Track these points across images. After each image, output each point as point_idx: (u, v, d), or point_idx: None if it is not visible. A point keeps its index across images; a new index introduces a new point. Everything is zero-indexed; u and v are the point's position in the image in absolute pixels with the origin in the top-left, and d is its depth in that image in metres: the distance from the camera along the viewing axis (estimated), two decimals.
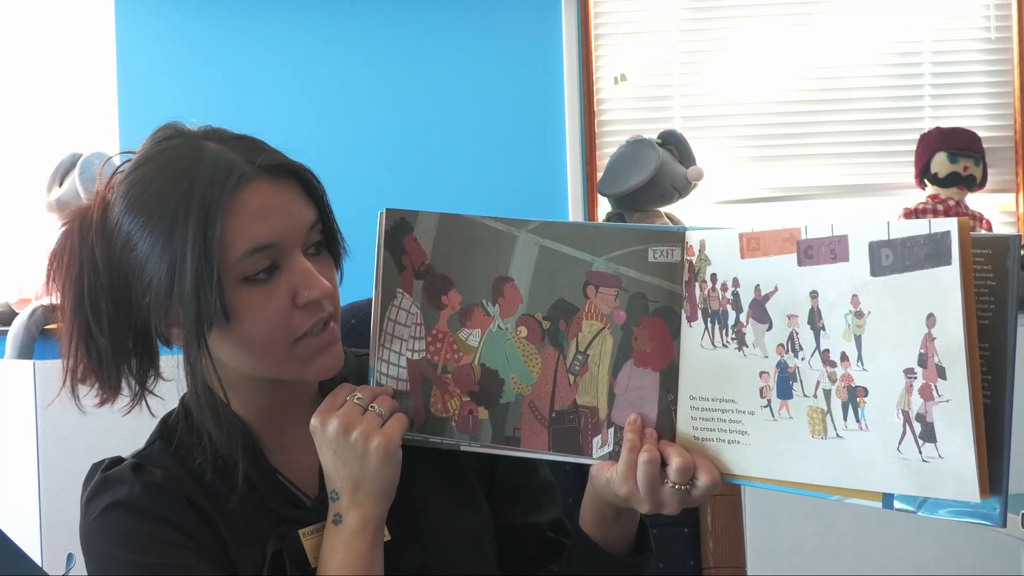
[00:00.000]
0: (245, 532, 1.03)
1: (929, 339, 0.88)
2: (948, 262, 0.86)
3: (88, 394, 1.05)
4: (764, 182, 3.46)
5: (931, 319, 0.88)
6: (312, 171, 1.04)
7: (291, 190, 1.01)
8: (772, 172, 3.46)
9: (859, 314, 0.93)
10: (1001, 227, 3.43)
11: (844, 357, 0.95)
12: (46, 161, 3.13)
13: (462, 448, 1.07)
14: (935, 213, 3.20)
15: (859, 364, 0.94)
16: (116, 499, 1.02)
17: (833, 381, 0.95)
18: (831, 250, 0.95)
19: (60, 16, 3.44)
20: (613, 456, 1.03)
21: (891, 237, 0.91)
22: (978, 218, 3.24)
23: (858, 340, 0.93)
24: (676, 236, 1.04)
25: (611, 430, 1.04)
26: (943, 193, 3.23)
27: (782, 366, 0.98)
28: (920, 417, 0.89)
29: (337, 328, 1.05)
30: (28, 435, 2.53)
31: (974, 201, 3.30)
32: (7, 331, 2.94)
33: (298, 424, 1.07)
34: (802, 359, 0.97)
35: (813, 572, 2.68)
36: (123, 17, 3.39)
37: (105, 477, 1.04)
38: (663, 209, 3.20)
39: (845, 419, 0.95)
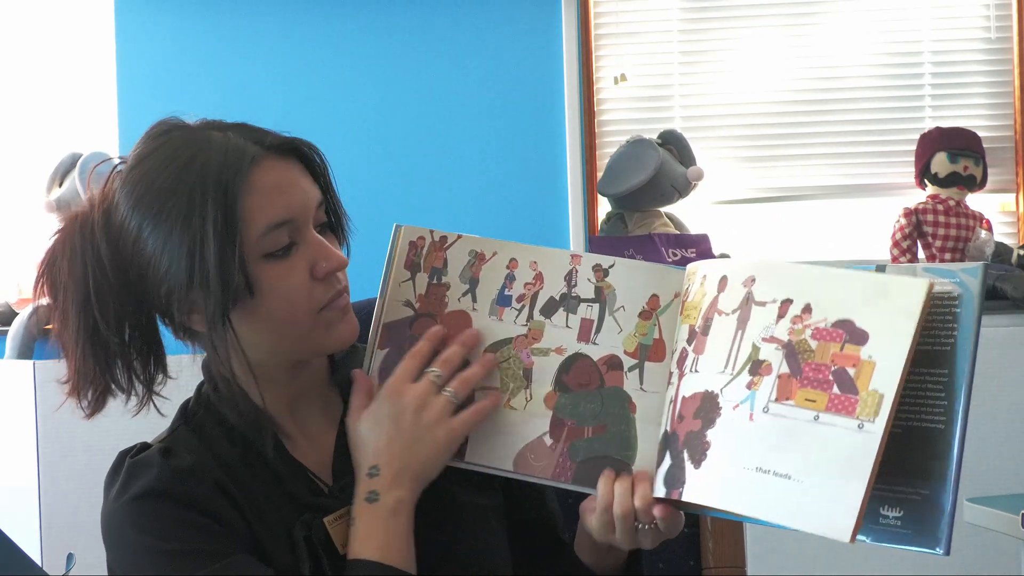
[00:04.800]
0: (270, 517, 1.03)
1: None
2: None
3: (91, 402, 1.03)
4: (764, 182, 3.46)
5: None
6: (316, 146, 1.05)
7: (297, 168, 1.03)
8: (772, 172, 3.46)
9: None
10: (1001, 227, 3.43)
11: None
12: (46, 161, 3.13)
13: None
14: (935, 213, 3.20)
15: None
16: (144, 487, 1.00)
17: None
18: None
19: (60, 16, 3.44)
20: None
21: None
22: (978, 218, 3.24)
23: None
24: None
25: None
26: (943, 193, 3.23)
27: None
28: None
29: (349, 298, 1.06)
30: (28, 435, 2.53)
31: (974, 201, 3.30)
32: (7, 331, 2.94)
33: (313, 413, 1.09)
34: None
35: (813, 572, 2.68)
36: (123, 17, 3.39)
37: (135, 462, 1.02)
38: (663, 209, 3.20)
39: None
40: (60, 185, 3.08)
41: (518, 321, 1.06)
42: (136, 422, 1.08)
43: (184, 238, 0.97)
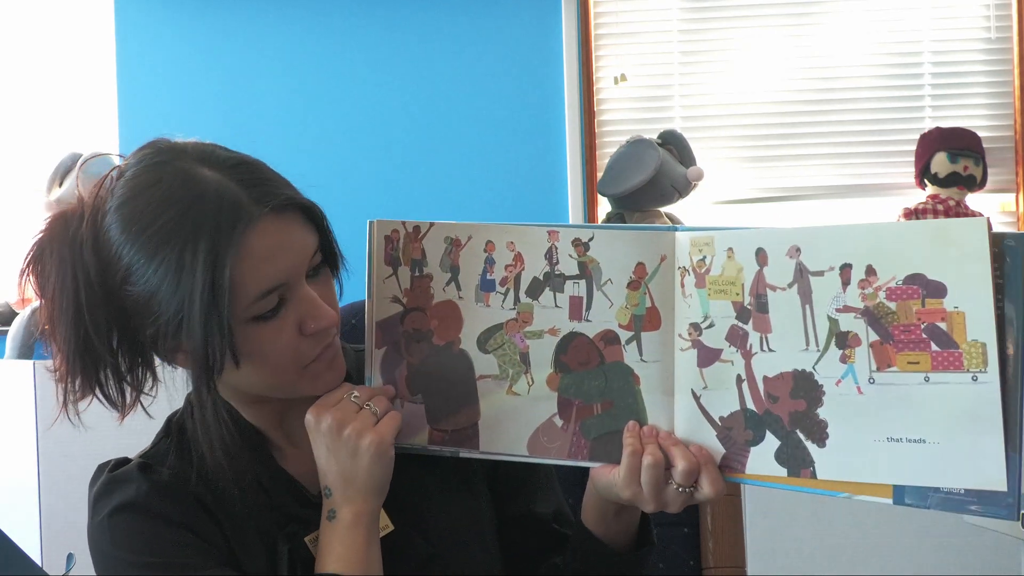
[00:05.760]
0: (251, 530, 1.03)
1: None
2: None
3: (86, 410, 1.01)
4: (764, 182, 3.46)
5: None
6: (315, 205, 1.01)
7: (294, 221, 0.98)
8: (772, 172, 3.47)
9: None
10: (1001, 227, 3.43)
11: None
12: (46, 161, 3.13)
13: (461, 455, 1.07)
14: (935, 213, 3.20)
15: None
16: (123, 501, 1.01)
17: None
18: None
19: (60, 16, 3.44)
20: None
21: None
22: None
23: None
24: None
25: None
26: (943, 193, 3.23)
27: None
28: None
29: (338, 340, 1.05)
30: (28, 435, 2.53)
31: (974, 201, 3.30)
32: (7, 331, 2.94)
33: (302, 423, 1.07)
34: None
35: (813, 572, 2.68)
36: (123, 17, 3.39)
37: (112, 477, 1.03)
38: (663, 209, 3.21)
39: None
40: (60, 185, 3.08)
41: (505, 305, 1.06)
42: (136, 422, 1.08)
43: (174, 295, 0.93)
